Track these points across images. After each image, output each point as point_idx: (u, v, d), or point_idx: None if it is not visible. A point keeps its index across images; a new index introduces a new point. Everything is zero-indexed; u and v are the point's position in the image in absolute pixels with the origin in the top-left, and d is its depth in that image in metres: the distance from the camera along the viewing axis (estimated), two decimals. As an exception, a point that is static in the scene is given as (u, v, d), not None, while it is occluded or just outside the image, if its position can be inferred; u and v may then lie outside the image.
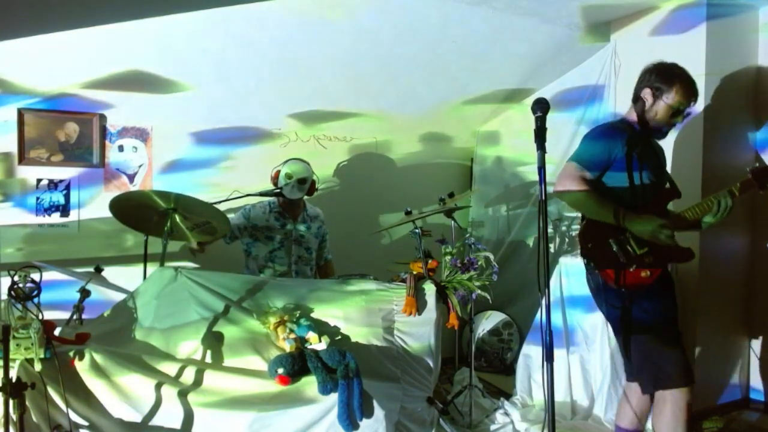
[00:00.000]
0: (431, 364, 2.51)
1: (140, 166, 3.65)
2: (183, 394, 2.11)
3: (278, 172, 3.36)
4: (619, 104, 3.53)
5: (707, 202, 2.26)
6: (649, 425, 2.48)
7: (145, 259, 3.06)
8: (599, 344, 3.14)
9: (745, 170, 2.27)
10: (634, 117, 2.40)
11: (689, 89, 2.31)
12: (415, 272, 2.75)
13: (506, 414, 3.15)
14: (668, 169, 3.21)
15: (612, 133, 2.32)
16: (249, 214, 3.40)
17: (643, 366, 2.28)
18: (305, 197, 3.45)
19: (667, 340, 2.26)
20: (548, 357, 1.79)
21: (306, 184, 3.33)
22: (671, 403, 2.23)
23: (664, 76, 2.32)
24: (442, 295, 2.68)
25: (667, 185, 2.45)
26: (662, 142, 3.30)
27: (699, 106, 3.16)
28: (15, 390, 1.72)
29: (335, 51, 3.40)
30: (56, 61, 3.08)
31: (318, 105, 3.91)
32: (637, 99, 2.39)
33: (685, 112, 2.35)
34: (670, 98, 2.30)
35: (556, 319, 3.26)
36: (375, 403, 2.14)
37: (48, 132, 3.39)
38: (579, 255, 2.42)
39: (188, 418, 2.08)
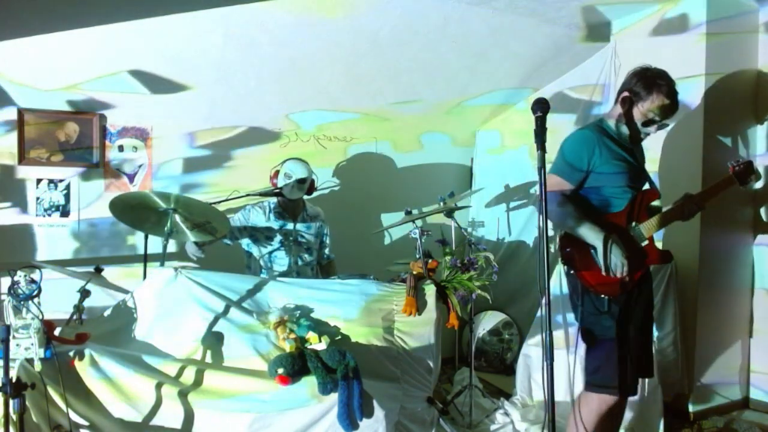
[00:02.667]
0: (431, 364, 2.51)
1: (140, 166, 3.65)
2: (183, 394, 2.11)
3: (277, 172, 3.35)
4: (619, 104, 3.53)
5: (674, 213, 2.31)
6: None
7: (145, 259, 3.06)
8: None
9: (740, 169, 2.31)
10: (612, 118, 2.36)
11: (668, 101, 2.23)
12: (415, 272, 2.75)
13: (506, 414, 3.15)
14: (667, 169, 3.24)
15: (588, 140, 2.28)
16: (249, 215, 3.39)
17: (600, 370, 2.25)
18: (305, 197, 3.45)
19: (628, 349, 2.24)
20: (548, 357, 1.79)
21: (305, 183, 3.33)
22: (597, 403, 2.26)
23: (645, 82, 2.25)
24: (442, 295, 2.68)
25: (647, 186, 2.42)
26: (661, 142, 3.32)
27: (699, 106, 3.17)
28: (15, 390, 1.72)
29: (335, 51, 3.40)
30: (56, 61, 3.08)
31: (318, 105, 3.91)
32: (617, 99, 2.35)
33: (659, 123, 2.27)
34: (645, 106, 2.23)
35: (557, 319, 3.26)
36: (375, 403, 2.14)
37: (48, 132, 3.39)
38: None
39: (188, 418, 2.09)
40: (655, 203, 2.43)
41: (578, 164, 2.27)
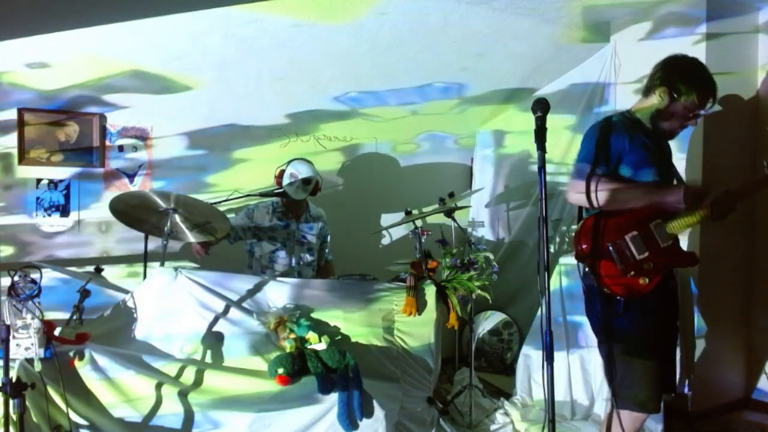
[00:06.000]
0: (431, 364, 2.51)
1: (140, 166, 3.65)
2: (183, 394, 2.12)
3: (282, 171, 3.34)
4: (619, 104, 3.52)
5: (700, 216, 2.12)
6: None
7: (145, 259, 3.06)
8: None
9: (747, 169, 2.15)
10: (644, 111, 2.21)
11: (712, 92, 2.13)
12: (414, 272, 2.75)
13: (506, 414, 3.15)
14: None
15: (617, 128, 2.14)
16: (252, 214, 3.39)
17: (622, 382, 2.09)
18: (309, 197, 3.44)
19: (650, 359, 2.08)
20: (548, 357, 1.78)
21: (310, 184, 3.32)
22: (629, 422, 2.09)
23: (686, 76, 2.13)
24: (442, 295, 2.68)
25: (675, 182, 2.30)
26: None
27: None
28: (15, 390, 1.72)
29: (335, 51, 3.40)
30: (56, 61, 3.08)
31: (318, 105, 3.91)
32: (649, 93, 2.20)
33: (701, 114, 2.18)
34: (690, 101, 2.11)
35: (557, 319, 3.26)
36: (375, 403, 2.14)
37: (48, 132, 3.39)
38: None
39: (188, 418, 2.09)
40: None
41: (610, 151, 2.10)
